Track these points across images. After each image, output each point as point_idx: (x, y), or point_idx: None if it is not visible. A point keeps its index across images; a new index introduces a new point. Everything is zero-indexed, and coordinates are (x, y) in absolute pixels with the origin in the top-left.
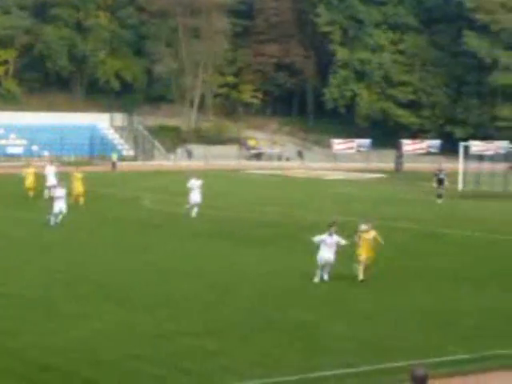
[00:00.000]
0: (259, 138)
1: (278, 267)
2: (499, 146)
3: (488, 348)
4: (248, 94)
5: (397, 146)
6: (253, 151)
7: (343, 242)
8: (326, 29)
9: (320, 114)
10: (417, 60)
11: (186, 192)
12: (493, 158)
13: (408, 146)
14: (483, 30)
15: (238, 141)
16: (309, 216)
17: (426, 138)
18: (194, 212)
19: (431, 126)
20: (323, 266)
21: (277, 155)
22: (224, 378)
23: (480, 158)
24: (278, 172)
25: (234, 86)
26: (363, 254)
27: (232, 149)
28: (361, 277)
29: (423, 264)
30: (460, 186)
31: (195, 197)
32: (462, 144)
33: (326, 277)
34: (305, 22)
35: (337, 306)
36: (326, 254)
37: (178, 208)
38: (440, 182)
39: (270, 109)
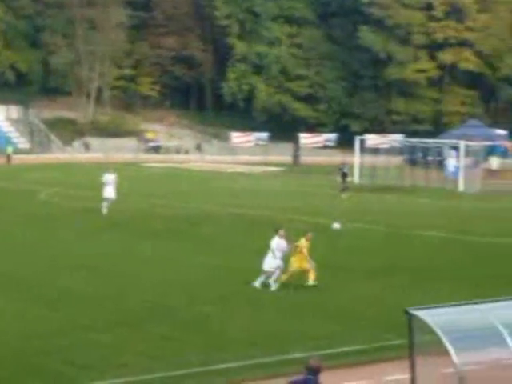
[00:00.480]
0: (157, 131)
1: (176, 260)
2: (394, 139)
3: (382, 339)
4: (146, 87)
5: (294, 140)
6: (151, 144)
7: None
8: (224, 22)
9: (218, 107)
10: (313, 54)
11: (83, 185)
12: (388, 152)
13: (305, 139)
14: (378, 24)
15: (136, 134)
16: (205, 208)
17: (323, 132)
18: (105, 207)
19: (328, 120)
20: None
21: (175, 148)
22: (117, 371)
23: (375, 151)
24: (176, 165)
25: (132, 79)
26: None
27: (130, 142)
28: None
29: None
30: (356, 179)
31: (109, 191)
32: (357, 137)
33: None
34: (203, 15)
35: (238, 299)
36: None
37: (75, 201)
38: (344, 175)
39: (169, 102)
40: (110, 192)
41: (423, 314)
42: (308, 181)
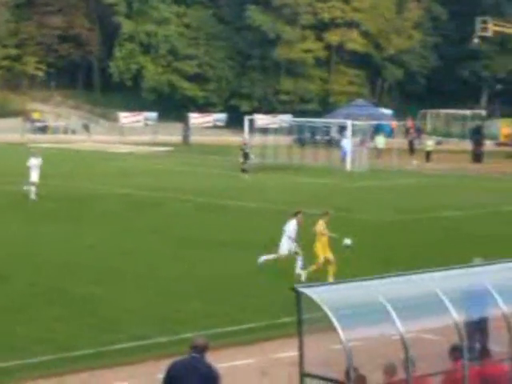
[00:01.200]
0: (44, 111)
1: (65, 241)
2: (283, 119)
3: (271, 317)
4: (32, 66)
5: (184, 119)
6: (37, 124)
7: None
8: (111, 0)
9: (106, 86)
10: (202, 34)
11: None
12: (277, 131)
13: (195, 119)
14: (266, 4)
15: (22, 114)
16: (93, 189)
17: (213, 112)
18: (33, 193)
19: (217, 100)
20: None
21: (62, 128)
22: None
23: (265, 131)
24: (64, 145)
25: (17, 58)
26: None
27: (16, 122)
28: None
29: (205, 234)
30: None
31: (34, 176)
32: (247, 117)
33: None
34: None
35: (127, 279)
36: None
37: None
38: (245, 156)
39: (55, 81)
40: (34, 176)
41: (310, 291)
42: (197, 161)
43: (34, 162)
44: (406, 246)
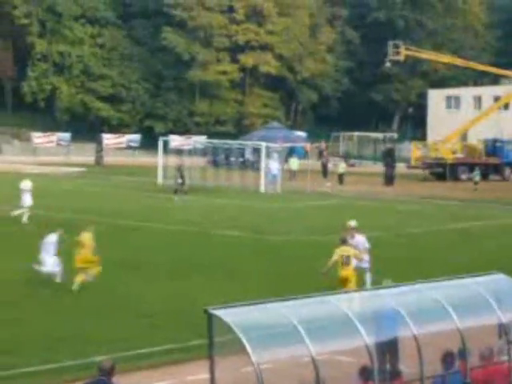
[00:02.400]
0: None
1: None
2: (197, 140)
3: (182, 339)
4: None
5: (97, 140)
6: None
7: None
8: (24, 21)
9: (19, 106)
10: (116, 54)
11: None
12: (191, 153)
13: (108, 140)
14: (181, 26)
15: None
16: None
17: (127, 133)
18: (26, 217)
19: (131, 121)
20: None
21: None
22: None
23: (179, 152)
24: None
25: None
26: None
27: None
28: None
29: (119, 256)
30: (160, 181)
31: (27, 200)
32: (161, 138)
33: None
34: (1, 14)
35: (31, 302)
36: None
37: None
38: (182, 177)
39: None
40: (28, 200)
41: (222, 313)
42: (110, 181)
43: (27, 186)
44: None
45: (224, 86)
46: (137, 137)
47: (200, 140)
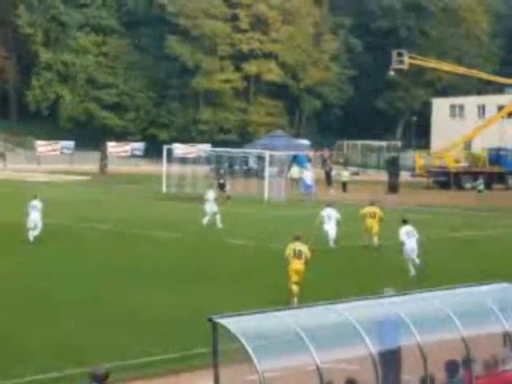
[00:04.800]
0: None
1: None
2: (201, 148)
3: (185, 347)
4: None
5: (101, 149)
6: None
7: None
8: (28, 30)
9: (23, 115)
10: (120, 63)
11: None
12: (195, 161)
13: (112, 148)
14: (185, 34)
15: None
16: (2, 219)
17: (131, 141)
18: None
19: (135, 129)
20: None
21: None
22: None
23: (183, 160)
24: None
25: None
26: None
27: None
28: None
29: (122, 264)
30: (164, 189)
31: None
32: (165, 147)
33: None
34: (5, 22)
35: (36, 311)
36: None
37: None
38: (222, 186)
39: None
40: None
41: (226, 322)
42: (113, 190)
43: (38, 205)
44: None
45: (228, 94)
46: (141, 145)
47: (204, 148)
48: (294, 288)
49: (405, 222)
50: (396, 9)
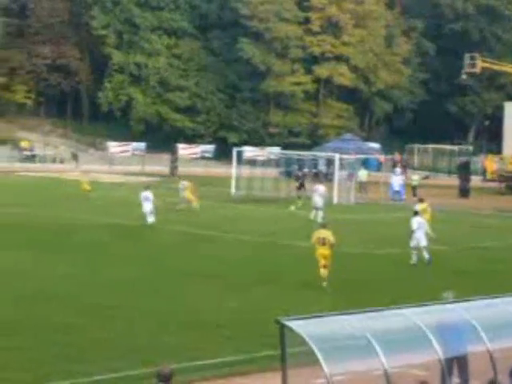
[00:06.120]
0: (32, 140)
1: (43, 271)
2: (271, 151)
3: (252, 350)
4: (21, 95)
5: (172, 150)
6: (26, 153)
7: None
8: (101, 32)
9: (95, 116)
10: (192, 65)
11: None
12: (265, 164)
13: (183, 150)
14: (257, 37)
15: (11, 142)
16: (77, 218)
17: (201, 143)
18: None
19: (206, 131)
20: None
21: (51, 157)
22: None
23: (252, 163)
24: (52, 174)
25: (6, 87)
26: None
27: (4, 150)
28: None
29: (190, 266)
30: (233, 191)
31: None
32: (235, 149)
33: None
34: (80, 24)
35: (108, 309)
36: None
37: None
38: (300, 186)
39: (44, 110)
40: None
41: (294, 324)
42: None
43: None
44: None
45: (298, 97)
46: (211, 147)
47: (274, 151)
48: (323, 271)
49: (416, 213)
50: (469, 12)
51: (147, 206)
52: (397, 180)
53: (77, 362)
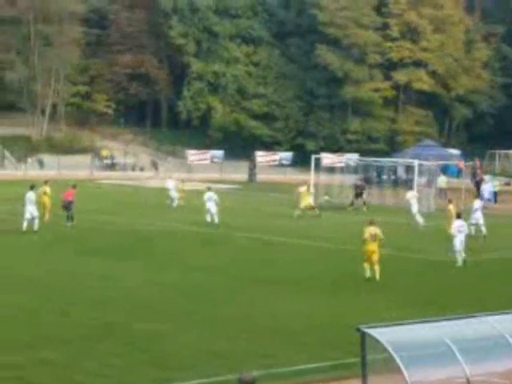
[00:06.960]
0: (112, 148)
1: (120, 277)
2: (349, 158)
3: (330, 357)
4: (101, 104)
5: (251, 158)
6: (106, 161)
7: None
8: (180, 41)
9: (174, 124)
10: (270, 73)
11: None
12: (343, 170)
13: (261, 157)
14: (335, 44)
15: (91, 150)
16: (159, 225)
17: (279, 150)
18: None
19: (284, 138)
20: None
21: (131, 165)
22: None
23: (331, 170)
24: (132, 182)
25: (87, 96)
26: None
27: (85, 158)
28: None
29: (269, 273)
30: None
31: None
32: (313, 156)
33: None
34: (158, 33)
35: (187, 316)
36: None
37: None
38: (358, 195)
39: (124, 119)
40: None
41: (375, 332)
42: (261, 198)
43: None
44: (466, 288)
45: (377, 103)
46: (289, 155)
47: (352, 157)
48: (376, 268)
49: (459, 216)
50: None
51: (211, 206)
52: (486, 188)
53: (162, 369)
